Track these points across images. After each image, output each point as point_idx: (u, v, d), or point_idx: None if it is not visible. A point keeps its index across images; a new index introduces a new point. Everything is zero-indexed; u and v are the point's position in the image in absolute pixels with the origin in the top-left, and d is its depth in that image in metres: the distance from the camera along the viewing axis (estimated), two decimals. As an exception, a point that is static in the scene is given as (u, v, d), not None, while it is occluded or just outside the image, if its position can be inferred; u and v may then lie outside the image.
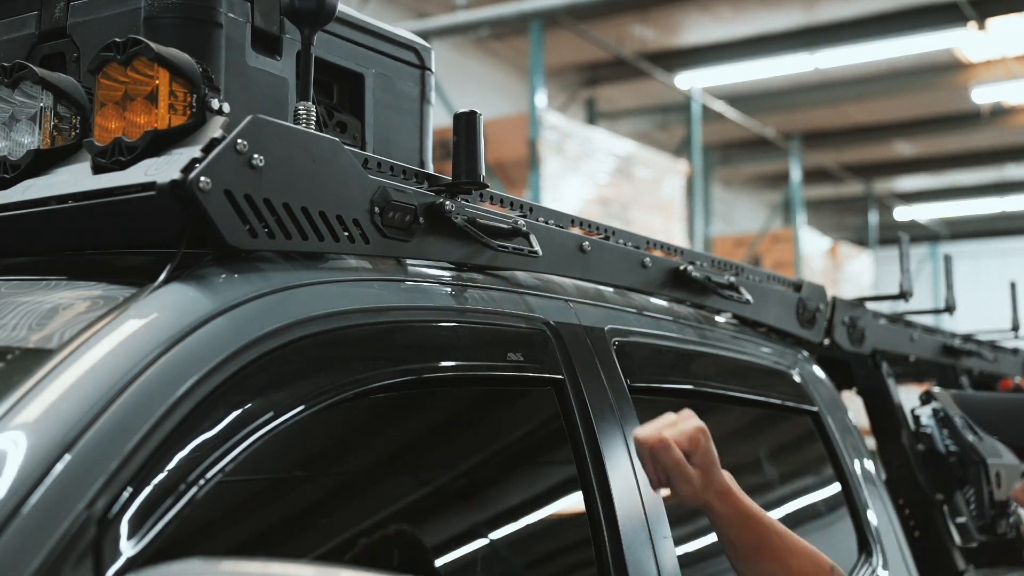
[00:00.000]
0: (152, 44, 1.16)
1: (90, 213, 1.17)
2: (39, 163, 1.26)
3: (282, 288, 1.17)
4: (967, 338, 3.24)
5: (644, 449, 1.34)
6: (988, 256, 15.96)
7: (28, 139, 1.27)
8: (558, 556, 1.55)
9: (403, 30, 1.66)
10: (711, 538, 1.82)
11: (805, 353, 2.31)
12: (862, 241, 14.90)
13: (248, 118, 1.13)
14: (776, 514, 1.99)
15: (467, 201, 1.46)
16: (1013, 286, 3.46)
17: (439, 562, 1.36)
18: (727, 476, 1.40)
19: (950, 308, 2.90)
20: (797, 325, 2.28)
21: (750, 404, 2.00)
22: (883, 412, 2.63)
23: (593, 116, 11.29)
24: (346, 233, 1.26)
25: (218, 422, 1.03)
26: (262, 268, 1.18)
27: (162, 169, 1.11)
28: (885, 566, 2.05)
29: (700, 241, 9.99)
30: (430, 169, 1.61)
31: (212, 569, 0.84)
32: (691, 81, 10.39)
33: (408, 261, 1.40)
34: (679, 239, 7.90)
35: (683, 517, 1.65)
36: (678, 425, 1.36)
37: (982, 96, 11.14)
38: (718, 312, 2.09)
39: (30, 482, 0.87)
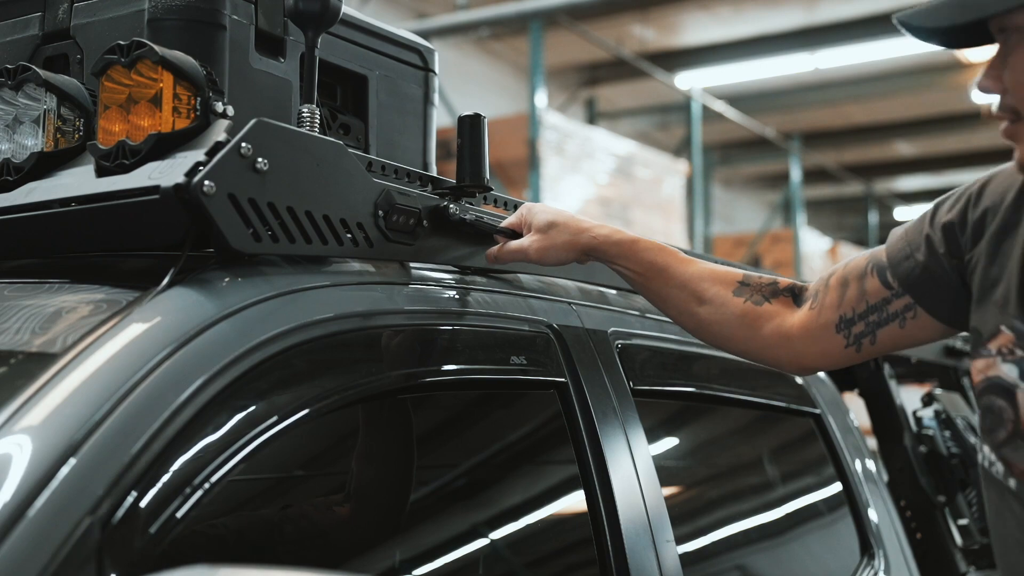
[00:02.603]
0: (156, 47, 1.16)
1: (94, 216, 1.17)
2: (42, 166, 1.25)
3: (286, 292, 1.16)
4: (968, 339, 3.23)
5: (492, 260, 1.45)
6: (988, 256, 15.92)
7: (31, 141, 1.27)
8: (561, 559, 1.55)
9: (407, 32, 1.66)
10: (714, 540, 1.82)
11: (807, 355, 2.30)
12: (862, 241, 14.89)
13: (252, 121, 1.13)
14: (778, 515, 1.99)
15: (471, 204, 1.46)
16: (1014, 287, 3.45)
17: (443, 564, 1.35)
18: (617, 229, 1.42)
19: (951, 309, 2.89)
20: (799, 327, 2.28)
21: (752, 406, 2.00)
22: (885, 414, 2.63)
23: (593, 116, 11.28)
24: (350, 237, 1.26)
25: (222, 426, 1.02)
26: (266, 272, 1.18)
27: (166, 173, 1.11)
28: (887, 568, 2.05)
29: (700, 241, 9.99)
30: (433, 171, 1.61)
31: (215, 575, 0.84)
32: (691, 81, 10.38)
33: (412, 264, 1.40)
34: (679, 239, 7.90)
35: (686, 520, 1.65)
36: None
37: (982, 96, 11.13)
38: (720, 314, 2.09)
39: (35, 486, 0.87)
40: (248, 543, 1.13)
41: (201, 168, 1.09)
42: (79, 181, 1.20)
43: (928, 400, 2.62)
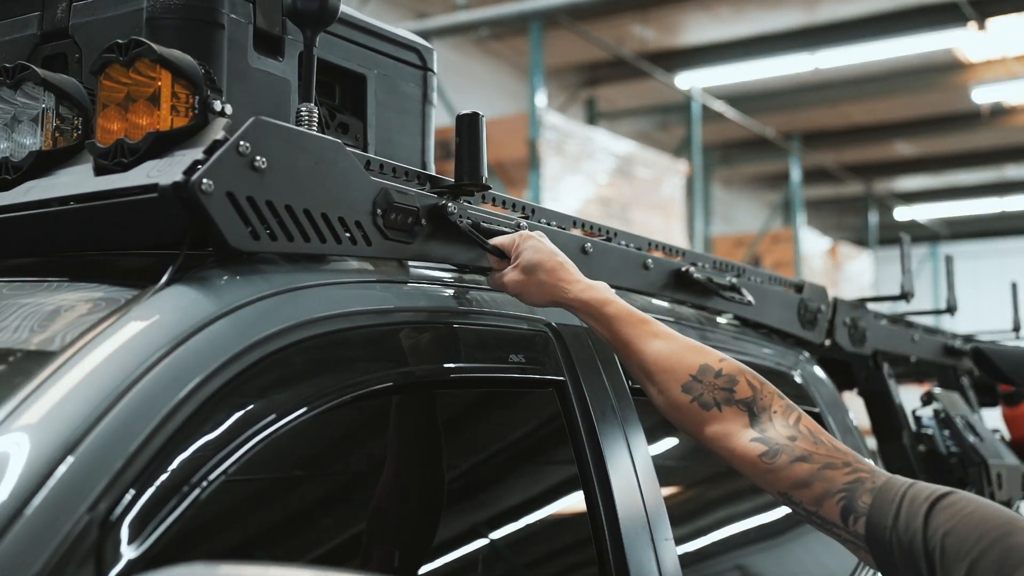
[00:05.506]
0: (154, 46, 1.16)
1: (92, 215, 1.17)
2: (41, 164, 1.25)
3: (284, 290, 1.16)
4: (968, 339, 3.23)
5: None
6: (988, 256, 15.95)
7: (30, 140, 1.27)
8: (560, 557, 1.55)
9: (405, 31, 1.66)
10: (713, 539, 1.82)
11: (806, 354, 2.31)
12: (862, 241, 14.90)
13: (250, 120, 1.13)
14: (777, 515, 1.99)
15: (469, 203, 1.46)
16: (1014, 286, 3.46)
17: (442, 563, 1.36)
18: (598, 285, 1.38)
19: (951, 309, 2.90)
20: (799, 326, 2.28)
21: (751, 405, 2.00)
22: (884, 413, 2.63)
23: (593, 116, 11.29)
24: (348, 235, 1.26)
25: (221, 424, 1.02)
26: (264, 270, 1.18)
27: (164, 171, 1.11)
28: (886, 567, 2.05)
29: (700, 241, 9.99)
30: (432, 170, 1.61)
31: (213, 573, 0.83)
32: (691, 81, 10.39)
33: (410, 263, 1.40)
34: (679, 239, 7.90)
35: (685, 519, 1.65)
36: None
37: (982, 96, 11.14)
38: (720, 313, 2.09)
39: (33, 484, 0.87)
40: (246, 541, 1.13)
41: (199, 166, 1.09)
42: (77, 179, 1.20)
43: (928, 399, 2.63)
